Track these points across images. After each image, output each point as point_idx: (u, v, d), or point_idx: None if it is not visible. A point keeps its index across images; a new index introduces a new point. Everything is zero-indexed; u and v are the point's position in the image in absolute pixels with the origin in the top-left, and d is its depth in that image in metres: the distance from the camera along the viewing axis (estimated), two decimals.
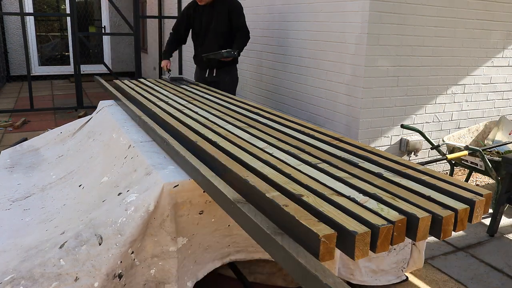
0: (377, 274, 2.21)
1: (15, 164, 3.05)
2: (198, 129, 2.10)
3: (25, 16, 6.59)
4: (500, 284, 2.38)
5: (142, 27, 9.53)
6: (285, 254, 1.11)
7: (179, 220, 1.75)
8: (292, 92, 4.23)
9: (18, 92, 8.24)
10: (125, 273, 1.64)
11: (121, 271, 1.62)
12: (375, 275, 2.21)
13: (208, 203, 1.80)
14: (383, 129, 3.62)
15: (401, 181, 1.46)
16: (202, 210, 1.80)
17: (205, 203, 1.80)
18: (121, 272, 1.62)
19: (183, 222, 1.76)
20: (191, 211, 1.77)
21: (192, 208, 1.77)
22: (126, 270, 1.64)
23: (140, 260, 1.69)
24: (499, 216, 2.93)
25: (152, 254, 1.71)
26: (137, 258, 1.68)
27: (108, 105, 3.21)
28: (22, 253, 1.67)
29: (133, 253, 1.65)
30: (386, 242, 1.14)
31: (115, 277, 1.60)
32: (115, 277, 1.60)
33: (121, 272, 1.62)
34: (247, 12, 4.02)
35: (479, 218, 1.34)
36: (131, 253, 1.64)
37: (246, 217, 1.28)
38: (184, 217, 1.76)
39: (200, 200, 1.78)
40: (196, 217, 1.79)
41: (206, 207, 1.81)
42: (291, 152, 1.77)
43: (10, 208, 2.32)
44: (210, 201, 1.78)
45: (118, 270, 1.61)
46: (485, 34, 3.87)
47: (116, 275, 1.61)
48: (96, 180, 2.26)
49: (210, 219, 1.84)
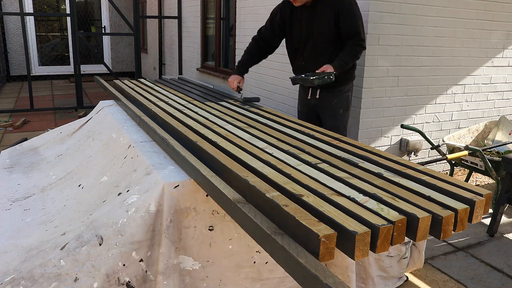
0: (388, 281, 2.22)
1: (14, 164, 3.05)
2: (198, 129, 2.10)
3: (25, 16, 6.59)
4: (500, 284, 2.38)
5: (142, 27, 9.54)
6: (285, 254, 1.11)
7: (185, 233, 1.67)
8: (292, 92, 4.23)
9: (18, 92, 8.24)
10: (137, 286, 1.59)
11: (129, 279, 1.57)
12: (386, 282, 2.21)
13: (216, 214, 1.71)
14: (383, 129, 3.62)
15: (401, 181, 1.46)
16: (212, 226, 1.71)
17: (212, 215, 1.71)
18: (129, 282, 1.57)
19: (190, 238, 1.67)
20: (198, 222, 1.69)
21: (198, 218, 1.69)
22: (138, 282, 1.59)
23: (153, 275, 1.63)
24: (499, 216, 2.93)
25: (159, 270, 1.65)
26: (150, 271, 1.62)
27: (108, 105, 3.21)
28: (22, 253, 1.67)
29: (142, 261, 1.60)
30: (386, 242, 1.14)
31: (122, 284, 1.57)
32: (122, 284, 1.57)
33: (129, 282, 1.57)
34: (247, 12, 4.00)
35: (479, 218, 1.34)
36: (139, 261, 1.59)
37: (246, 217, 1.27)
38: (191, 229, 1.67)
39: (206, 209, 1.70)
40: (206, 233, 1.69)
41: (216, 222, 1.71)
42: (291, 152, 1.77)
43: (10, 208, 2.32)
44: (218, 211, 1.70)
45: (124, 276, 1.57)
46: (485, 34, 3.86)
47: (122, 282, 1.57)
48: (95, 180, 2.26)
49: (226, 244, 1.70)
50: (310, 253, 1.09)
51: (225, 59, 5.92)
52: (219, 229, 1.73)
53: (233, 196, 1.38)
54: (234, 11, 5.22)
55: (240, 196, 1.39)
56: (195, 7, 6.52)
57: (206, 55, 6.50)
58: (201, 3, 6.33)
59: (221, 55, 5.96)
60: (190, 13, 6.80)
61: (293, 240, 1.15)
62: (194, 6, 6.58)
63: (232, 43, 5.46)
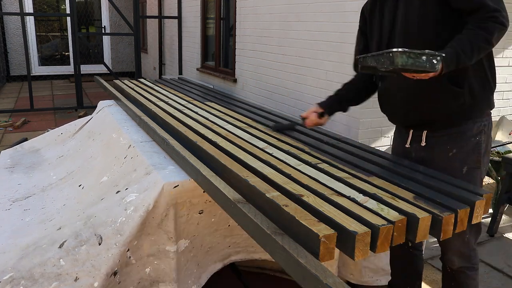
0: (378, 274, 2.21)
1: (15, 164, 3.05)
2: (198, 129, 2.10)
3: (25, 16, 6.59)
4: (500, 284, 2.38)
5: (142, 27, 9.53)
6: (285, 254, 1.11)
7: (179, 221, 1.74)
8: (292, 92, 4.23)
9: (18, 92, 8.24)
10: (120, 270, 1.64)
11: (116, 269, 1.62)
12: (375, 275, 2.21)
13: (208, 202, 1.79)
14: (383, 129, 3.62)
15: (401, 181, 1.46)
16: (202, 210, 1.80)
17: (204, 203, 1.79)
18: (116, 270, 1.62)
19: (183, 223, 1.76)
20: (191, 210, 1.77)
21: (192, 208, 1.77)
22: (121, 267, 1.65)
23: (136, 259, 1.69)
24: (499, 216, 2.93)
25: (148, 253, 1.71)
26: (133, 256, 1.68)
27: (108, 105, 3.21)
28: (20, 251, 1.67)
29: (129, 250, 1.66)
30: (386, 242, 1.14)
31: (111, 275, 1.61)
32: (111, 275, 1.61)
33: (116, 270, 1.62)
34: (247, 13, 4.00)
35: (479, 218, 1.34)
36: (126, 251, 1.65)
37: (246, 217, 1.28)
38: (184, 217, 1.75)
39: (200, 200, 1.77)
40: (196, 216, 1.79)
41: (206, 207, 1.80)
42: (291, 152, 1.77)
43: (10, 208, 2.32)
44: (210, 200, 1.78)
45: (115, 268, 1.62)
46: None
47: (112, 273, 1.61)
48: (96, 180, 2.26)
49: (210, 219, 1.84)
50: (310, 253, 1.09)
51: (225, 59, 5.92)
52: (208, 212, 1.81)
53: (233, 196, 1.38)
54: (234, 11, 5.22)
55: (240, 196, 1.39)
56: (195, 7, 6.52)
57: (206, 55, 6.50)
58: (201, 3, 6.33)
59: (221, 55, 5.97)
60: (190, 13, 6.80)
61: (293, 240, 1.15)
62: (194, 6, 6.58)
63: (232, 43, 5.46)
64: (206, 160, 1.73)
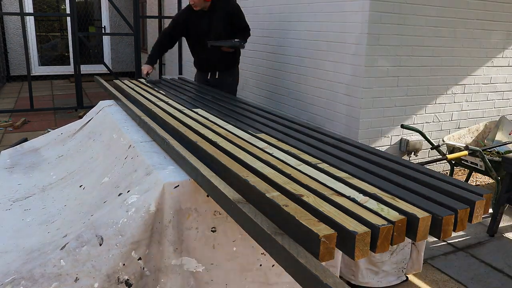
0: (379, 275, 2.21)
1: (15, 164, 3.05)
2: (198, 129, 2.10)
3: (25, 16, 6.59)
4: (500, 284, 2.38)
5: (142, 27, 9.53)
6: (285, 254, 1.11)
7: (187, 234, 1.65)
8: (292, 92, 4.23)
9: (18, 92, 8.24)
10: (135, 283, 1.59)
11: (128, 277, 1.57)
12: (376, 276, 2.21)
13: (218, 215, 1.69)
14: (383, 129, 3.62)
15: (401, 181, 1.46)
16: (215, 227, 1.68)
17: (214, 215, 1.69)
18: (128, 280, 1.57)
19: (193, 239, 1.65)
20: (200, 223, 1.67)
21: (200, 220, 1.67)
22: (136, 279, 1.59)
23: (150, 271, 1.63)
24: (499, 216, 2.93)
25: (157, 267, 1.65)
26: (146, 267, 1.62)
27: (108, 105, 3.21)
28: (24, 255, 1.66)
29: (140, 259, 1.60)
30: (386, 242, 1.14)
31: (121, 282, 1.57)
32: (121, 283, 1.57)
33: (128, 280, 1.57)
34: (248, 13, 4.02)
35: (479, 218, 1.34)
36: (138, 259, 1.59)
37: (246, 217, 1.28)
38: (193, 231, 1.66)
39: (207, 210, 1.69)
40: (208, 235, 1.67)
41: (218, 223, 1.68)
42: (291, 152, 1.77)
43: (11, 208, 2.32)
44: (220, 212, 1.69)
45: (123, 275, 1.58)
46: (485, 34, 3.87)
47: (121, 280, 1.57)
48: (96, 181, 2.26)
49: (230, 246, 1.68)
50: (310, 253, 1.09)
51: None
52: (221, 230, 1.72)
53: (233, 196, 1.38)
54: None
55: (240, 196, 1.39)
56: None
57: None
58: None
59: None
60: None
61: (293, 240, 1.15)
62: None
63: None
64: (206, 160, 1.73)
